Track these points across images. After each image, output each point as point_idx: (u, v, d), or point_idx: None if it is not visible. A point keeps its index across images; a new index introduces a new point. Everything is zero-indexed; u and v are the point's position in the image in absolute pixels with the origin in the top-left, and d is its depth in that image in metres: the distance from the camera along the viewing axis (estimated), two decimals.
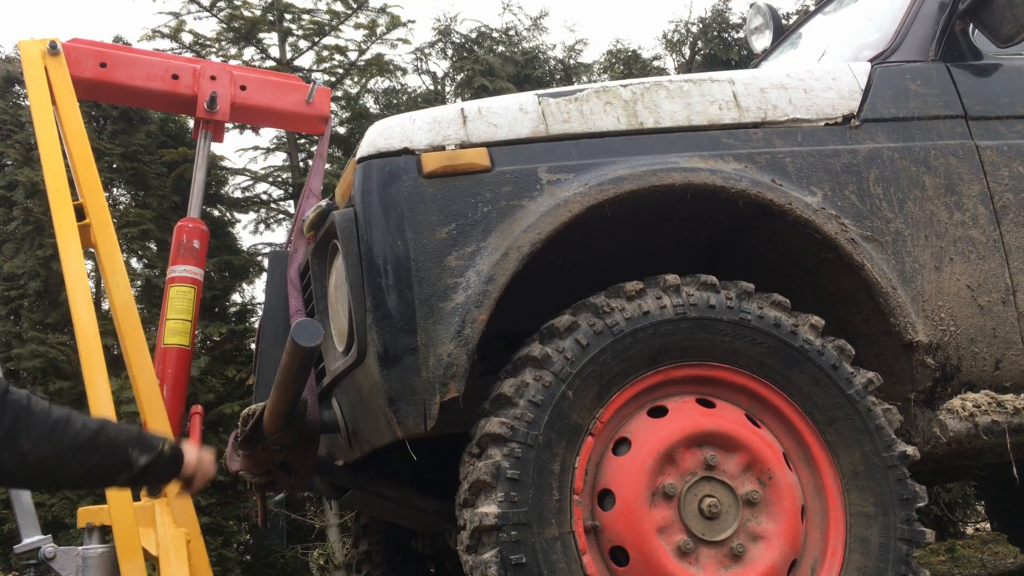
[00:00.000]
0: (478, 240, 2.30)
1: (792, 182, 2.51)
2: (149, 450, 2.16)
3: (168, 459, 2.21)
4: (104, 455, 2.08)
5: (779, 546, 2.28)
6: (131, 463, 2.13)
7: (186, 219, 3.64)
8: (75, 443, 2.03)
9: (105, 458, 2.09)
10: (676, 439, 2.28)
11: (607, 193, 2.34)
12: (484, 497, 2.16)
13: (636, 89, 2.56)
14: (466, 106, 2.45)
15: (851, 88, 2.68)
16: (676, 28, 10.71)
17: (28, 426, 1.96)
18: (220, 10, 8.38)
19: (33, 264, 7.51)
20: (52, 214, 3.27)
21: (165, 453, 2.20)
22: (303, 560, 7.74)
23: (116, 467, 2.13)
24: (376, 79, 9.28)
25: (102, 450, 2.08)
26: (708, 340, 2.35)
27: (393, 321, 2.23)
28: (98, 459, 2.07)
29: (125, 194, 8.67)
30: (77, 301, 3.18)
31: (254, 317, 8.44)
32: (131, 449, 2.13)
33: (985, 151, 2.71)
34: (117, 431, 2.14)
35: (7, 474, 2.01)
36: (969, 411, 2.55)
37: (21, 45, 3.53)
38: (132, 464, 2.13)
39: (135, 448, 2.14)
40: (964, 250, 2.63)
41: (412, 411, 2.20)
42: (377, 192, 2.31)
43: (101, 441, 2.07)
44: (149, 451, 2.16)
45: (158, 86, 3.65)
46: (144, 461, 2.15)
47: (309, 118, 3.92)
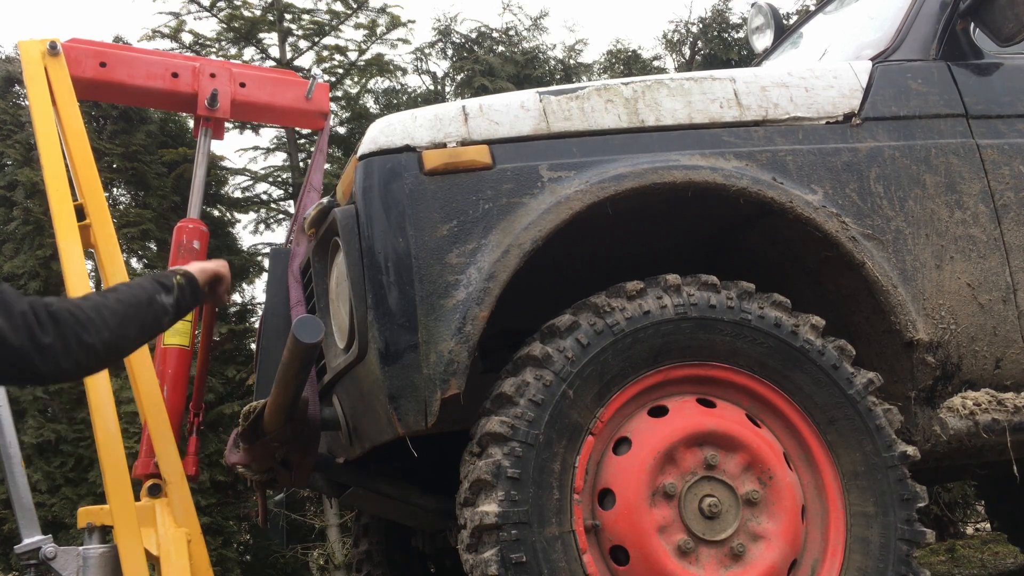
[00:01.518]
0: (479, 237, 2.30)
1: (793, 180, 2.51)
2: (169, 290, 2.45)
3: (187, 287, 2.53)
4: (144, 312, 2.35)
5: (779, 546, 2.28)
6: (165, 307, 2.42)
7: (186, 219, 3.63)
8: (123, 317, 2.26)
9: (147, 314, 2.36)
10: (676, 439, 2.28)
11: (608, 191, 2.34)
12: (485, 496, 2.16)
13: (637, 87, 2.56)
14: (467, 104, 2.45)
15: (852, 87, 2.69)
16: (676, 28, 10.74)
17: (82, 324, 2.15)
18: (220, 10, 8.39)
19: (33, 264, 7.51)
20: (52, 214, 3.27)
21: (183, 284, 2.51)
22: (303, 560, 7.74)
23: (158, 317, 2.40)
24: (376, 79, 9.29)
25: (141, 310, 2.34)
26: (709, 340, 2.35)
27: (394, 318, 2.23)
28: (142, 318, 2.34)
29: (125, 194, 8.67)
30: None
31: (254, 317, 8.44)
32: (158, 296, 2.41)
33: (986, 150, 2.71)
34: (140, 289, 2.39)
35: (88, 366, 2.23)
36: (969, 409, 2.55)
37: (21, 45, 3.52)
38: (166, 307, 2.43)
39: (160, 294, 2.42)
40: (965, 248, 2.63)
41: (413, 408, 2.20)
42: (378, 189, 2.31)
43: (135, 304, 2.33)
44: (170, 290, 2.45)
45: (158, 85, 3.64)
46: (172, 300, 2.45)
47: (309, 114, 3.92)
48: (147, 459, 3.16)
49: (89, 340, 2.15)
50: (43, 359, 2.06)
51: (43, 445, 7.09)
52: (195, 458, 3.39)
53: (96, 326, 2.18)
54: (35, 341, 2.04)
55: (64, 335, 2.10)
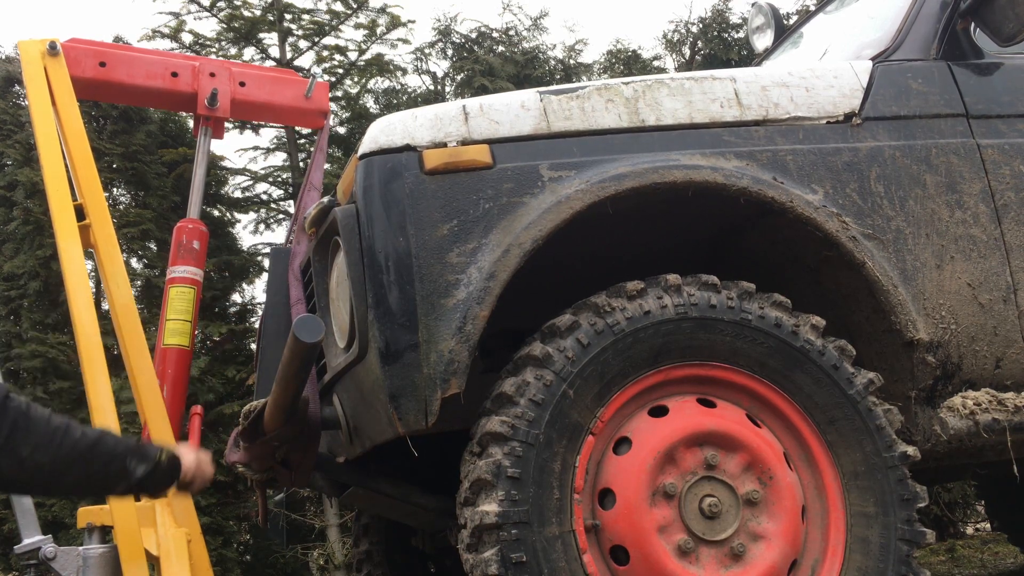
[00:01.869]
0: (480, 237, 2.30)
1: (793, 180, 2.51)
2: (146, 460, 2.15)
3: (165, 468, 2.21)
4: (102, 464, 2.08)
5: (779, 546, 2.28)
6: (128, 473, 2.13)
7: (186, 220, 3.64)
8: (73, 451, 2.02)
9: (103, 467, 2.09)
10: (677, 438, 2.28)
11: (608, 190, 2.34)
12: (485, 495, 2.16)
13: (638, 87, 2.56)
14: (468, 103, 2.45)
15: (852, 86, 2.68)
16: (676, 28, 10.73)
17: (27, 432, 1.95)
18: (220, 10, 8.38)
19: (33, 264, 7.51)
20: (52, 214, 3.27)
21: (163, 463, 2.19)
22: (303, 560, 7.74)
23: (114, 477, 2.12)
24: (376, 79, 9.28)
25: (100, 459, 2.07)
26: (709, 340, 2.35)
27: (394, 317, 2.23)
28: (96, 468, 2.07)
29: (125, 194, 8.67)
30: (77, 302, 3.18)
31: (254, 317, 8.44)
32: (129, 459, 2.13)
33: (986, 149, 2.71)
34: (116, 441, 2.14)
35: (6, 480, 2.00)
36: (970, 409, 2.55)
37: (21, 45, 3.53)
38: (130, 474, 2.13)
39: (133, 458, 2.13)
40: (965, 248, 2.63)
41: (413, 407, 2.21)
42: (379, 189, 2.31)
43: (99, 451, 2.07)
44: (146, 461, 2.15)
45: (158, 84, 3.65)
46: (142, 471, 2.15)
47: (308, 112, 3.93)
48: None
49: (22, 453, 1.94)
50: None
51: None
52: None
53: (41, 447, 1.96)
54: None
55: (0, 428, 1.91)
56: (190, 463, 2.28)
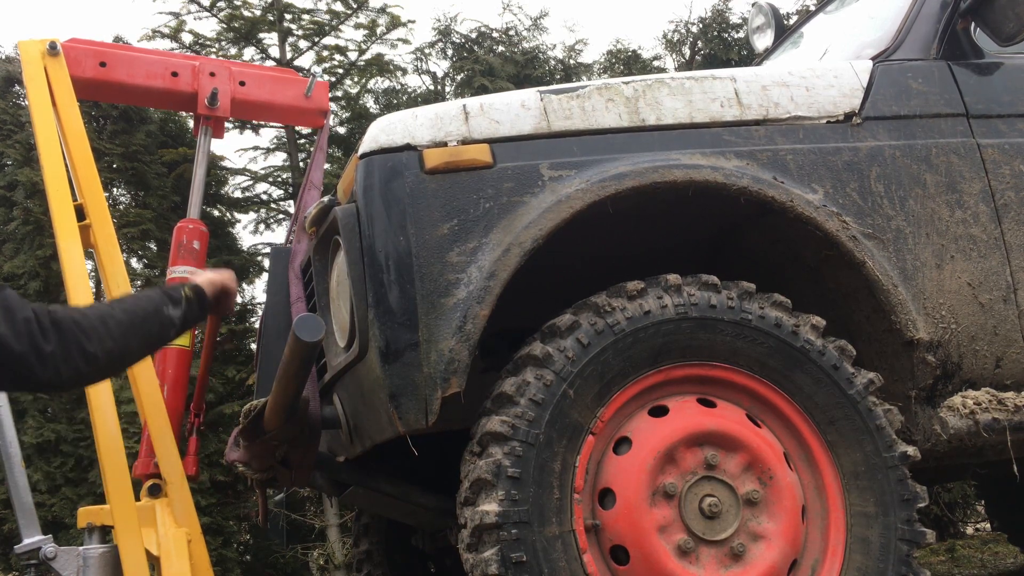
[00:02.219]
0: (480, 236, 2.30)
1: (794, 179, 2.51)
2: (177, 303, 2.44)
3: (195, 301, 2.50)
4: (150, 324, 2.33)
5: (779, 546, 2.27)
6: (172, 319, 2.41)
7: (186, 220, 3.63)
8: (127, 328, 2.24)
9: (152, 326, 2.34)
10: (677, 438, 2.28)
11: (609, 189, 2.34)
12: (485, 495, 2.16)
13: (638, 86, 2.55)
14: (468, 102, 2.45)
15: (853, 86, 2.68)
16: (676, 28, 10.74)
17: (85, 333, 2.13)
18: (220, 10, 8.38)
19: (33, 264, 7.51)
20: (52, 214, 3.26)
21: (191, 297, 2.49)
22: (303, 560, 7.74)
23: (164, 329, 2.40)
24: (376, 79, 9.28)
25: (147, 321, 2.32)
26: (709, 340, 2.35)
27: (395, 316, 2.23)
28: (147, 329, 2.33)
29: (125, 194, 8.67)
30: (78, 302, 3.17)
31: (254, 317, 8.43)
32: (164, 308, 2.39)
33: (986, 149, 2.71)
34: (146, 300, 2.38)
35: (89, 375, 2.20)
36: (970, 409, 2.55)
37: (21, 45, 3.52)
38: (172, 320, 2.41)
39: (167, 306, 2.40)
40: (965, 248, 2.63)
41: (413, 406, 2.20)
42: (379, 188, 2.31)
43: (141, 315, 2.31)
44: (178, 304, 2.44)
45: (158, 84, 3.64)
46: (179, 314, 2.43)
47: (308, 111, 3.93)
48: (147, 459, 3.17)
49: (91, 349, 2.13)
50: (43, 366, 2.04)
51: (43, 445, 7.09)
52: (195, 458, 3.39)
53: (99, 335, 2.16)
54: (36, 348, 2.02)
55: (66, 343, 2.08)
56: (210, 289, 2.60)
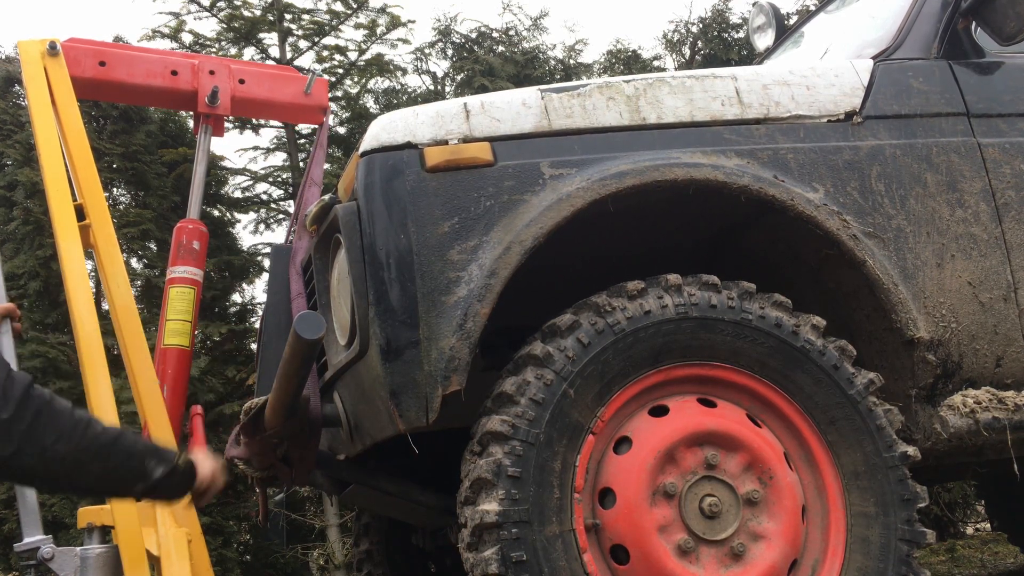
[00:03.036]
0: (480, 234, 2.30)
1: (794, 178, 2.51)
2: (165, 462, 2.14)
3: (183, 473, 2.20)
4: (122, 461, 2.06)
5: (780, 546, 2.27)
6: (147, 473, 2.11)
7: (186, 220, 3.63)
8: (95, 445, 2.01)
9: (123, 464, 2.07)
10: (677, 438, 2.28)
11: (609, 188, 2.33)
12: (485, 495, 2.16)
13: (639, 85, 2.55)
14: (469, 101, 2.45)
15: (853, 85, 2.68)
16: (676, 28, 10.74)
17: (51, 421, 1.94)
18: (220, 10, 8.38)
19: (33, 264, 7.51)
20: (52, 215, 3.26)
21: (180, 467, 2.18)
22: (303, 560, 7.74)
23: (133, 475, 2.10)
24: (376, 79, 9.28)
25: (120, 455, 2.06)
26: (709, 340, 2.35)
27: (395, 314, 2.23)
28: (116, 464, 2.06)
29: (125, 194, 8.67)
30: (78, 302, 3.17)
31: (254, 317, 8.44)
32: (148, 459, 2.11)
33: (987, 148, 2.71)
34: (135, 440, 2.14)
35: (27, 469, 1.98)
36: (970, 407, 2.55)
37: (21, 45, 3.52)
38: (148, 474, 2.11)
39: (152, 459, 2.12)
40: (966, 247, 2.63)
41: (414, 404, 2.20)
42: (380, 186, 2.31)
43: (120, 447, 2.06)
44: (165, 463, 2.14)
45: (158, 83, 3.64)
46: (160, 473, 2.13)
47: (308, 109, 3.93)
48: None
49: (45, 442, 1.92)
50: None
51: None
52: None
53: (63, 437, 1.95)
54: None
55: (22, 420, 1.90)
56: (206, 472, 2.28)
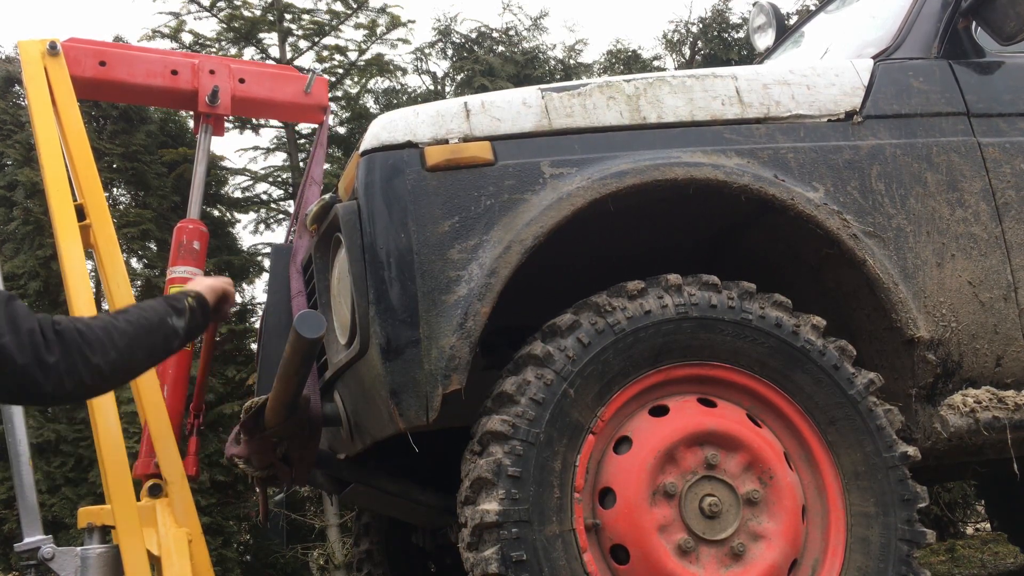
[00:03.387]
0: (481, 233, 2.30)
1: (795, 178, 2.51)
2: (182, 313, 2.42)
3: (197, 310, 2.48)
4: (154, 335, 2.32)
5: (780, 545, 2.27)
6: (176, 330, 2.39)
7: (186, 220, 3.63)
8: (131, 339, 2.23)
9: (156, 337, 2.33)
10: (677, 438, 2.28)
11: (610, 187, 2.33)
12: (485, 494, 2.16)
13: (639, 84, 2.55)
14: (469, 100, 2.45)
15: (854, 84, 2.68)
16: (676, 28, 10.74)
17: (89, 345, 2.12)
18: (220, 10, 8.38)
19: (33, 264, 7.51)
20: (52, 214, 3.26)
21: (195, 307, 2.48)
22: (303, 560, 7.74)
23: (168, 340, 2.37)
24: (376, 79, 9.29)
25: (151, 333, 2.31)
26: (709, 340, 2.35)
27: (396, 313, 2.23)
28: (152, 340, 2.31)
29: (125, 194, 8.67)
30: (78, 302, 3.17)
31: (254, 317, 8.43)
32: (169, 319, 2.38)
33: (987, 148, 2.71)
34: (151, 311, 2.35)
35: (93, 387, 2.19)
36: (970, 407, 2.55)
37: (21, 45, 3.51)
38: (177, 330, 2.40)
39: (171, 316, 2.39)
40: (966, 246, 2.63)
41: (414, 403, 2.20)
42: (380, 185, 2.31)
43: (145, 327, 2.29)
44: (182, 314, 2.42)
45: (158, 82, 3.64)
46: (183, 324, 2.42)
47: (308, 108, 3.92)
48: (147, 459, 3.16)
49: (95, 361, 2.12)
50: (47, 378, 2.03)
51: (43, 445, 7.08)
52: (195, 458, 3.39)
53: (104, 347, 2.14)
54: (40, 360, 2.01)
55: (70, 355, 2.07)
56: (211, 296, 2.59)
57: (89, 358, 2.10)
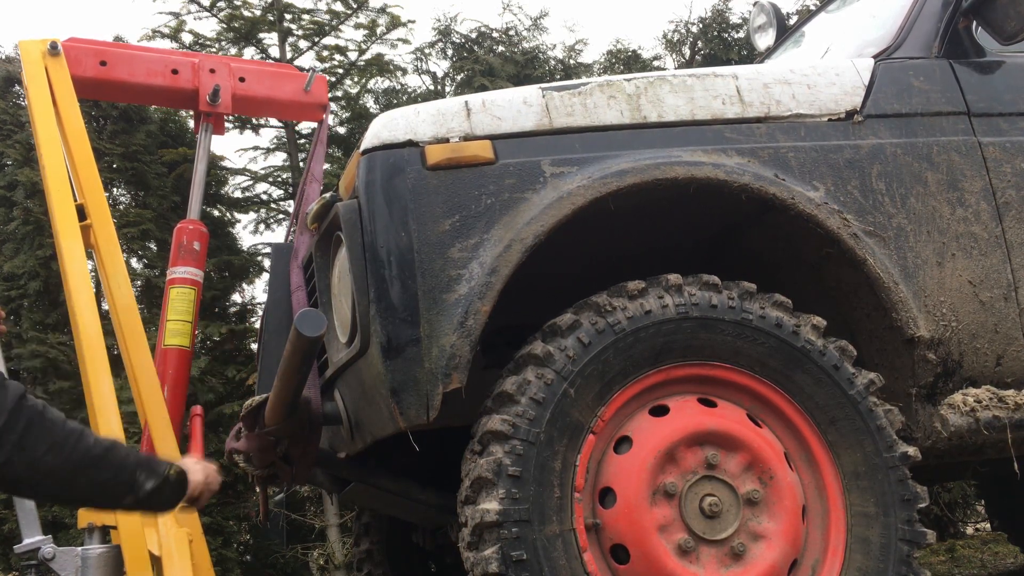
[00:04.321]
0: (481, 232, 2.30)
1: (795, 177, 2.51)
2: (155, 475, 2.15)
3: (174, 484, 2.20)
4: (113, 473, 2.08)
5: (780, 545, 2.27)
6: (138, 486, 2.12)
7: (186, 220, 3.63)
8: (86, 457, 2.02)
9: (113, 476, 2.08)
10: (677, 438, 2.28)
11: (610, 186, 2.33)
12: (486, 494, 2.16)
13: (640, 83, 2.55)
14: (470, 99, 2.45)
15: (854, 84, 2.68)
16: (676, 28, 10.72)
17: (42, 433, 1.96)
18: (220, 10, 8.37)
19: (33, 264, 7.50)
20: (54, 215, 3.26)
21: (171, 478, 2.19)
22: (303, 560, 7.73)
23: (123, 487, 2.11)
24: (376, 79, 9.27)
25: (112, 468, 2.07)
26: (710, 340, 2.35)
27: (396, 312, 2.23)
28: (106, 477, 2.07)
29: (125, 194, 8.66)
30: (79, 302, 3.17)
31: (254, 317, 8.43)
32: (139, 472, 2.12)
33: (988, 147, 2.71)
34: (127, 452, 2.15)
35: (17, 480, 2.00)
36: (970, 406, 2.55)
37: (21, 45, 3.52)
38: (139, 487, 2.12)
39: (142, 471, 2.13)
40: (966, 246, 2.63)
41: (414, 402, 2.20)
42: (381, 184, 2.31)
43: (111, 459, 2.07)
44: (155, 476, 2.15)
45: (158, 82, 3.64)
46: (150, 486, 2.13)
47: (307, 106, 3.94)
48: None
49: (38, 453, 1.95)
50: None
51: None
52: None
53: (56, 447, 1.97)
54: None
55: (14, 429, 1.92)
56: (198, 479, 2.29)
57: (32, 446, 1.94)
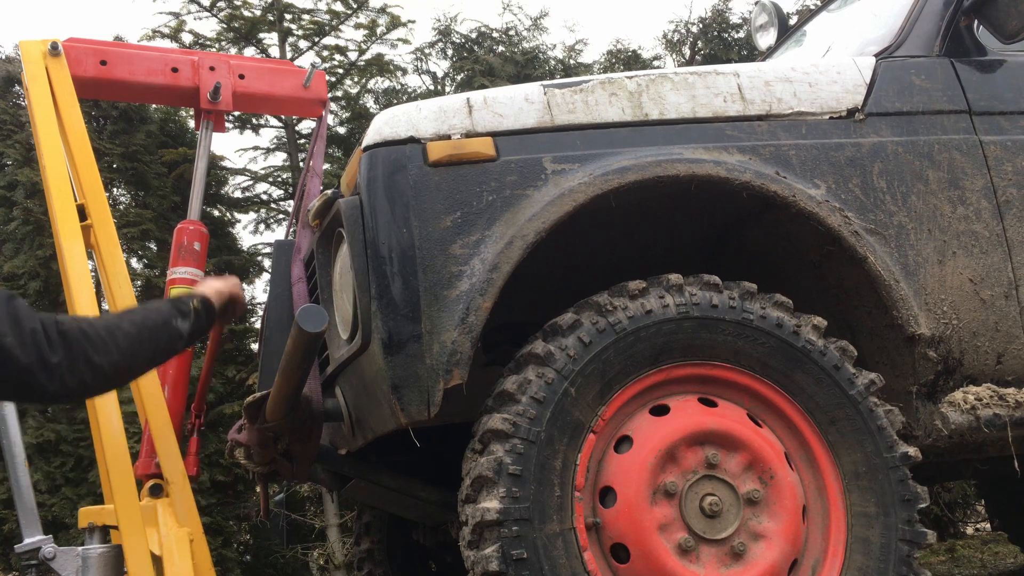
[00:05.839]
0: (483, 229, 2.30)
1: (796, 175, 2.51)
2: (186, 315, 2.43)
3: (203, 312, 2.51)
4: (158, 337, 2.32)
5: (780, 545, 2.27)
6: (180, 332, 2.40)
7: (186, 221, 3.63)
8: (134, 340, 2.23)
9: (160, 339, 2.33)
10: (678, 437, 2.28)
11: (612, 183, 2.33)
12: (486, 493, 2.16)
13: (641, 81, 2.55)
14: (472, 96, 2.45)
15: (856, 82, 2.68)
16: (676, 28, 10.73)
17: (92, 344, 2.12)
18: (220, 10, 8.37)
19: (33, 264, 7.50)
20: (54, 215, 3.25)
21: (199, 309, 2.49)
22: (303, 560, 7.73)
23: (172, 342, 2.39)
24: (376, 79, 9.27)
25: (155, 334, 2.31)
26: (710, 339, 2.35)
27: (397, 308, 2.23)
28: (155, 342, 2.31)
29: (125, 194, 8.66)
30: (80, 302, 3.16)
31: (254, 317, 8.42)
32: (173, 321, 2.38)
33: (989, 146, 2.71)
34: (156, 313, 2.37)
35: (95, 387, 2.20)
36: (971, 404, 2.55)
37: (22, 45, 3.51)
38: (181, 332, 2.41)
39: (175, 318, 2.40)
40: (967, 244, 2.63)
41: (416, 398, 2.20)
42: (383, 180, 2.31)
43: (149, 328, 2.30)
44: (187, 316, 2.43)
45: (159, 80, 3.64)
46: (188, 327, 2.42)
47: (307, 102, 3.94)
48: (148, 459, 3.16)
49: (98, 361, 2.12)
50: (49, 378, 2.02)
51: (43, 445, 7.07)
52: (196, 458, 3.39)
53: (106, 347, 2.14)
54: (43, 359, 2.00)
55: (72, 354, 2.06)
56: (217, 299, 2.61)
57: (92, 358, 2.10)
